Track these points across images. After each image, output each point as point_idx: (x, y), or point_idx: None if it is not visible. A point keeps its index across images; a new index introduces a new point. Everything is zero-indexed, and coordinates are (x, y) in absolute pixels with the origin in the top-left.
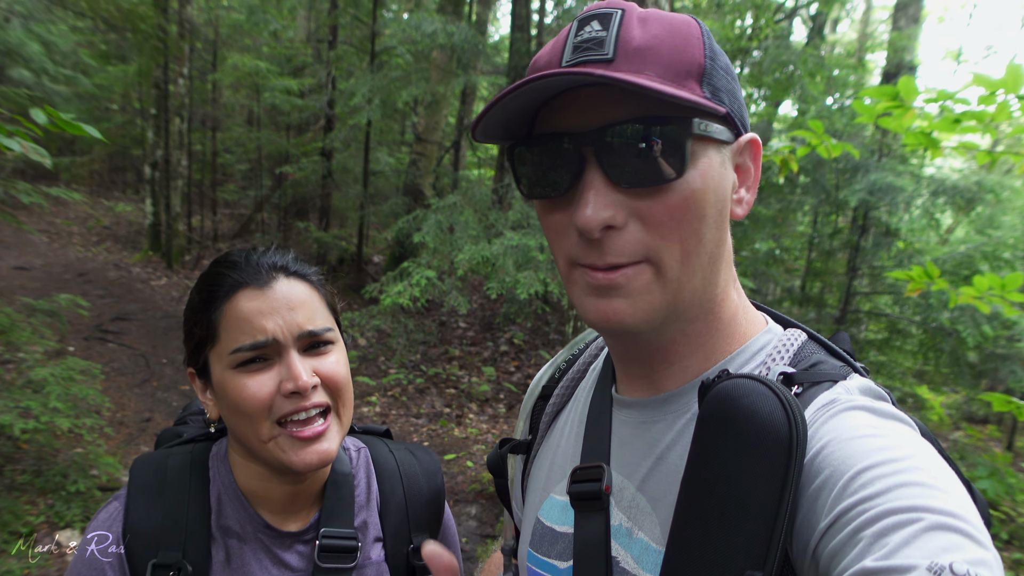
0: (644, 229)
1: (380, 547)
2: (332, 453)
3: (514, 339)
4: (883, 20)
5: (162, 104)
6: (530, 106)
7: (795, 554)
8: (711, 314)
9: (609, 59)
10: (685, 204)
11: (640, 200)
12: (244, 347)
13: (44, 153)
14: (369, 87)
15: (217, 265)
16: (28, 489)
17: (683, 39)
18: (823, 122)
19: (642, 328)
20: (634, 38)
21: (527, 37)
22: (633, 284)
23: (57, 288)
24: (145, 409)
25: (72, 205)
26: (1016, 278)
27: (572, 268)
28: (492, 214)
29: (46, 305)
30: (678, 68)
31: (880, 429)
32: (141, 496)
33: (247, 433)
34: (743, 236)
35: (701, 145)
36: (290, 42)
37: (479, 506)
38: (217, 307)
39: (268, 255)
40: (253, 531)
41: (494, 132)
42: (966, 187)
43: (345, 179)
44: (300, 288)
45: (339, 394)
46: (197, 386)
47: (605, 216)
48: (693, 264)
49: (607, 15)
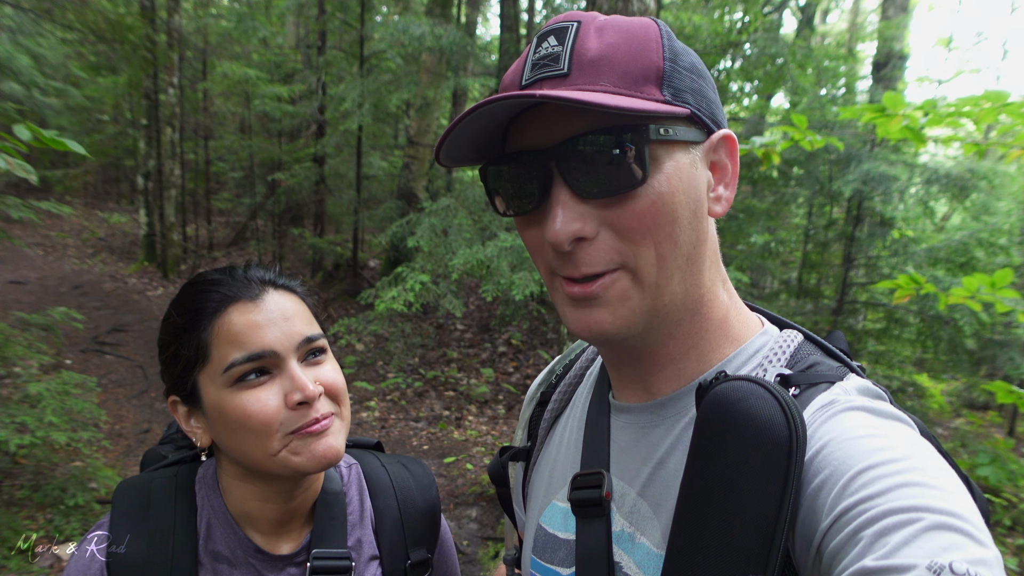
0: (616, 237)
1: (376, 565)
2: (340, 451)
3: (512, 340)
4: (873, 10)
5: (153, 114)
6: (495, 127)
7: (797, 554)
8: (698, 315)
9: (564, 74)
10: (654, 208)
11: (608, 209)
12: (239, 360)
13: (30, 169)
14: (359, 92)
15: (195, 285)
16: (27, 504)
17: (640, 44)
18: (815, 113)
19: (624, 335)
20: (589, 50)
21: (516, 37)
22: (610, 293)
23: (53, 301)
24: (143, 420)
25: (66, 218)
26: (1006, 274)
27: (552, 278)
28: (486, 216)
29: (41, 319)
30: (634, 75)
31: (879, 429)
32: (125, 523)
33: (253, 451)
34: (738, 230)
35: (664, 148)
36: (279, 49)
37: (479, 508)
38: (206, 325)
39: (253, 269)
40: (244, 556)
41: (461, 155)
42: (959, 175)
43: (338, 184)
44: (290, 300)
45: (340, 400)
46: (180, 415)
47: (573, 229)
48: (670, 266)
49: (563, 29)
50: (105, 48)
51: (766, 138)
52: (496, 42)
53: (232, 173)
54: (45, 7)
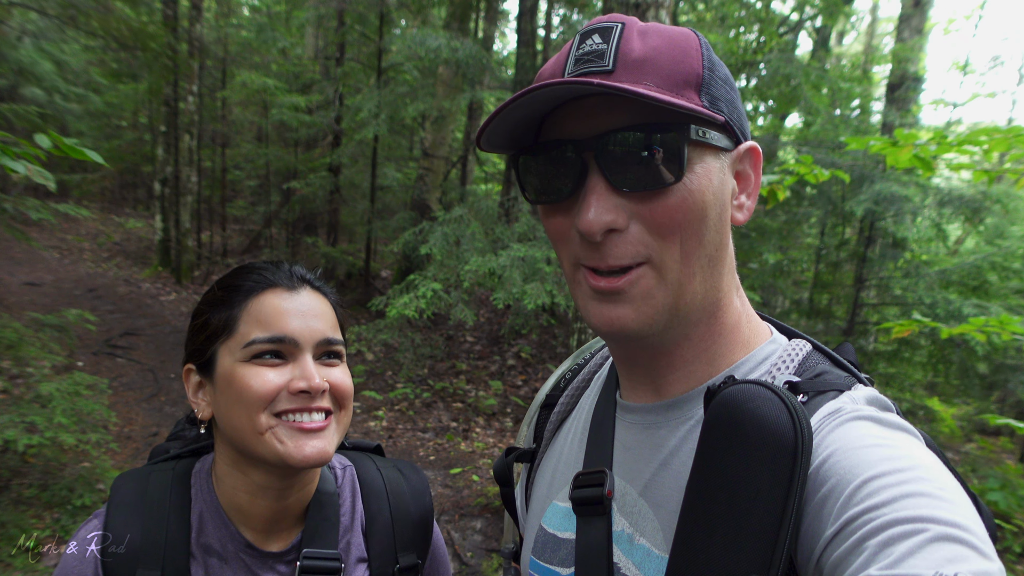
0: (645, 231)
1: (364, 568)
2: (328, 453)
3: (521, 353)
4: (889, 32)
5: (172, 121)
6: (534, 116)
7: (800, 562)
8: (713, 318)
9: (609, 70)
10: (685, 206)
11: (641, 203)
12: (260, 339)
13: (49, 176)
14: (376, 102)
15: (243, 268)
16: (35, 503)
17: (682, 51)
18: (828, 133)
19: (646, 332)
20: (633, 50)
21: (533, 52)
22: (635, 289)
23: (67, 303)
24: (153, 424)
25: (83, 221)
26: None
27: (576, 270)
28: (499, 227)
29: (54, 320)
30: (676, 78)
31: (886, 439)
32: (120, 513)
33: (243, 425)
34: (750, 249)
35: (699, 151)
36: (298, 59)
37: (484, 520)
38: (241, 301)
39: (297, 267)
40: (235, 550)
41: (499, 141)
42: (972, 197)
43: (353, 194)
44: (321, 301)
45: (343, 403)
46: (191, 384)
47: (607, 220)
48: (693, 265)
49: (608, 29)
50: (127, 55)
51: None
52: (513, 57)
53: (248, 181)
54: (70, 14)
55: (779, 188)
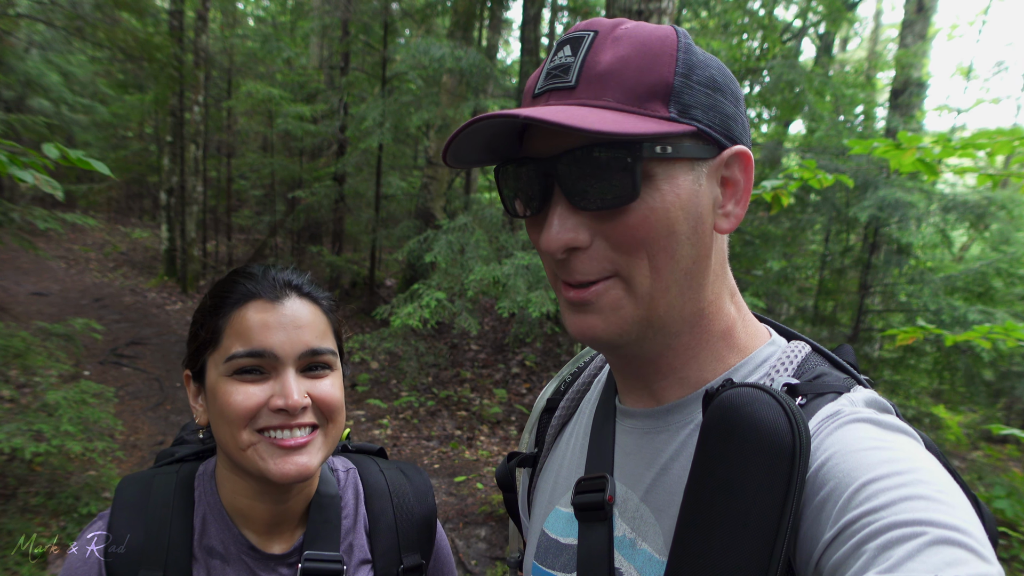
0: (609, 248)
1: (368, 569)
2: (311, 468)
3: (526, 361)
4: (892, 38)
5: (178, 131)
6: (510, 131)
7: (799, 566)
8: (698, 327)
9: (571, 86)
10: (647, 223)
11: (601, 222)
12: (239, 353)
13: (56, 185)
14: (380, 111)
15: (234, 274)
16: (41, 511)
17: (652, 58)
18: (832, 140)
19: (617, 342)
20: (599, 63)
21: (536, 60)
22: (603, 300)
23: (74, 313)
24: (158, 432)
25: (89, 232)
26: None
27: (556, 281)
28: (503, 235)
29: (61, 329)
30: (640, 90)
31: (885, 442)
32: (124, 515)
33: (228, 440)
34: (754, 256)
35: (663, 166)
36: (303, 69)
37: (489, 528)
38: (225, 313)
39: (285, 273)
40: (237, 552)
41: (474, 157)
42: (977, 202)
43: (357, 203)
44: (310, 309)
45: (330, 416)
46: (191, 390)
47: (566, 238)
48: (666, 279)
49: (579, 39)
50: (133, 66)
51: (775, 181)
52: (516, 65)
53: (253, 190)
54: (77, 25)
55: (783, 193)
